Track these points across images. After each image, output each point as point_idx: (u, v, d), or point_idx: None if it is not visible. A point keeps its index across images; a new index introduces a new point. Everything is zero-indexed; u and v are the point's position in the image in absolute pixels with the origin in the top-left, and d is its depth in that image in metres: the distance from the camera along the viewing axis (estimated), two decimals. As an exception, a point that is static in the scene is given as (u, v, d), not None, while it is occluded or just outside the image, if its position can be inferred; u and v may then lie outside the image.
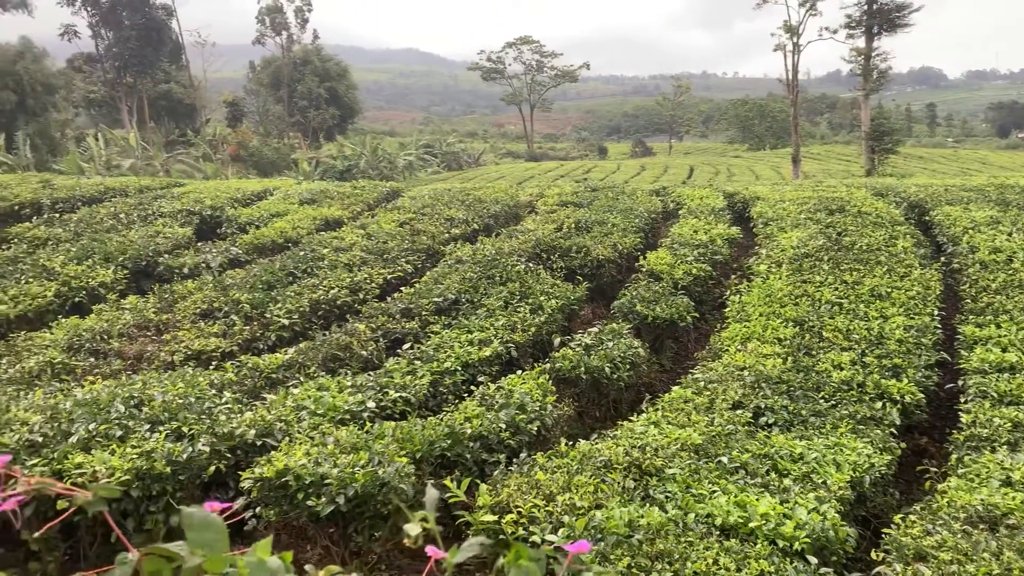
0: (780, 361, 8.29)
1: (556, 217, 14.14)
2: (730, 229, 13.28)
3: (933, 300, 9.74)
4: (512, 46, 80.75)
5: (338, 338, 8.80)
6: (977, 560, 4.57)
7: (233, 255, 12.49)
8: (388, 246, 12.37)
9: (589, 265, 11.78)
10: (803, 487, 5.70)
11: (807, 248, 11.44)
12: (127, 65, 53.86)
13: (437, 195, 16.41)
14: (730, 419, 6.95)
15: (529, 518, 4.95)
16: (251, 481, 5.54)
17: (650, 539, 4.63)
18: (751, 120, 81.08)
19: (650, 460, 5.90)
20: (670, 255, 11.66)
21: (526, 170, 56.98)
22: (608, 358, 8.41)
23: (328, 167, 44.91)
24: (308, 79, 62.26)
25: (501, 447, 6.49)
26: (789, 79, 44.23)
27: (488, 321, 9.44)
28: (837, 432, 6.83)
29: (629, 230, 13.22)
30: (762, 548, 4.68)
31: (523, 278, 10.77)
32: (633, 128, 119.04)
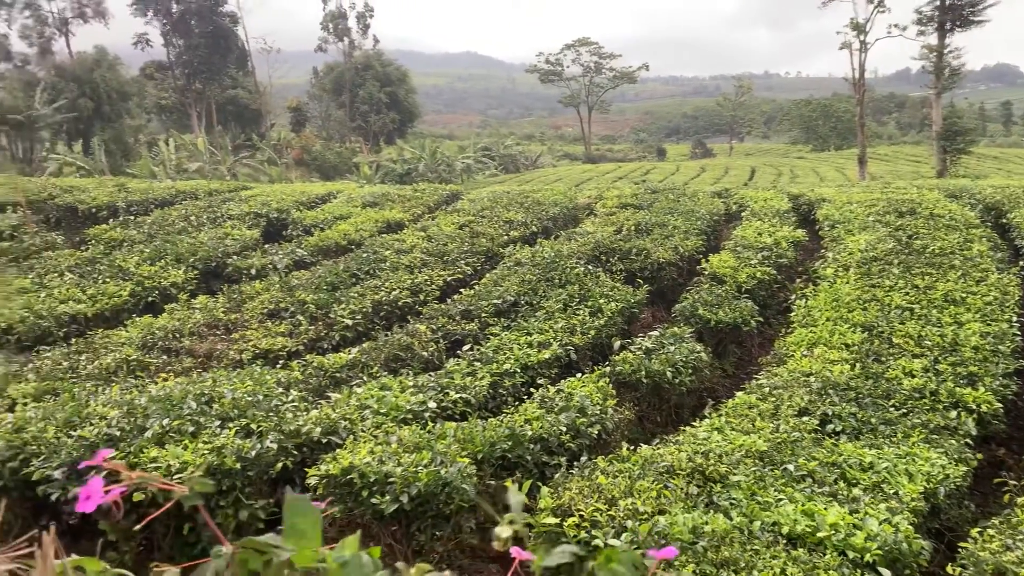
0: (848, 367, 8.07)
1: (615, 219, 14.05)
2: (795, 232, 12.98)
3: (1012, 306, 9.35)
4: (570, 48, 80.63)
5: (400, 339, 8.91)
6: (1062, 578, 4.37)
7: (298, 257, 12.77)
8: (448, 248, 12.48)
9: (649, 268, 11.67)
10: (873, 497, 5.54)
11: (876, 251, 11.11)
12: (196, 72, 55.66)
13: (496, 197, 16.49)
14: (796, 426, 6.80)
15: (591, 522, 4.92)
16: (317, 478, 5.65)
17: (715, 546, 4.56)
18: (815, 120, 79.17)
19: (714, 466, 5.81)
20: (733, 258, 11.47)
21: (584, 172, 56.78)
22: (669, 362, 8.31)
23: (388, 170, 45.56)
24: (369, 84, 63.29)
25: (561, 450, 6.48)
26: (855, 78, 43.04)
27: (547, 324, 9.43)
28: (909, 441, 6.62)
29: (691, 232, 13.04)
30: (831, 559, 4.56)
31: (582, 281, 10.73)
32: (692, 129, 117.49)
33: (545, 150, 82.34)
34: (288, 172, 44.43)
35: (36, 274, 11.83)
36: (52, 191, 17.44)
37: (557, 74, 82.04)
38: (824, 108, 79.11)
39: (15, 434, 6.21)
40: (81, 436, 6.10)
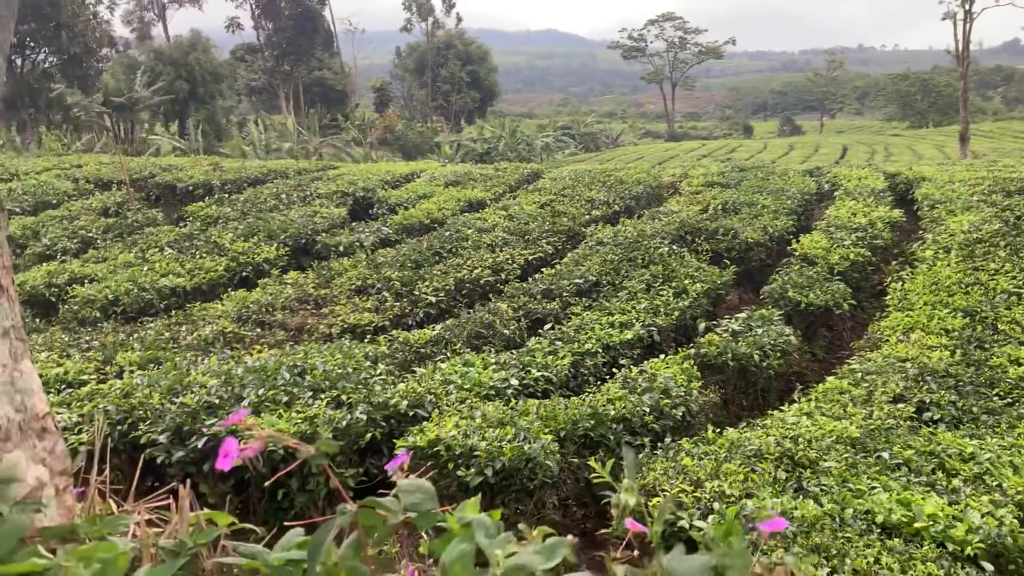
0: (947, 354, 7.72)
1: (701, 198, 13.77)
2: (892, 212, 12.44)
3: None
4: (654, 23, 79.05)
5: (481, 316, 9.01)
6: None
7: (384, 235, 13.03)
8: (529, 227, 12.50)
9: (737, 248, 11.41)
10: (975, 489, 5.30)
11: (980, 233, 10.55)
12: (284, 54, 57.20)
13: (577, 176, 16.39)
14: (890, 413, 6.56)
15: (677, 503, 4.88)
16: (404, 449, 5.79)
17: (805, 532, 4.46)
18: (913, 96, 75.35)
19: (803, 452, 5.67)
20: (825, 239, 11.09)
21: (666, 150, 55.82)
22: (757, 345, 8.12)
23: (468, 150, 45.85)
24: (451, 63, 63.69)
25: (644, 430, 6.44)
26: (959, 50, 40.71)
27: (629, 304, 9.36)
28: (1014, 432, 6.29)
29: (780, 212, 12.67)
30: (929, 550, 4.39)
31: (666, 261, 10.58)
32: (781, 106, 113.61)
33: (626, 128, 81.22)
34: (372, 152, 45.28)
35: (139, 249, 12.46)
36: (152, 170, 18.30)
37: (640, 50, 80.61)
38: (923, 82, 75.17)
39: (123, 399, 6.58)
40: (183, 403, 6.42)
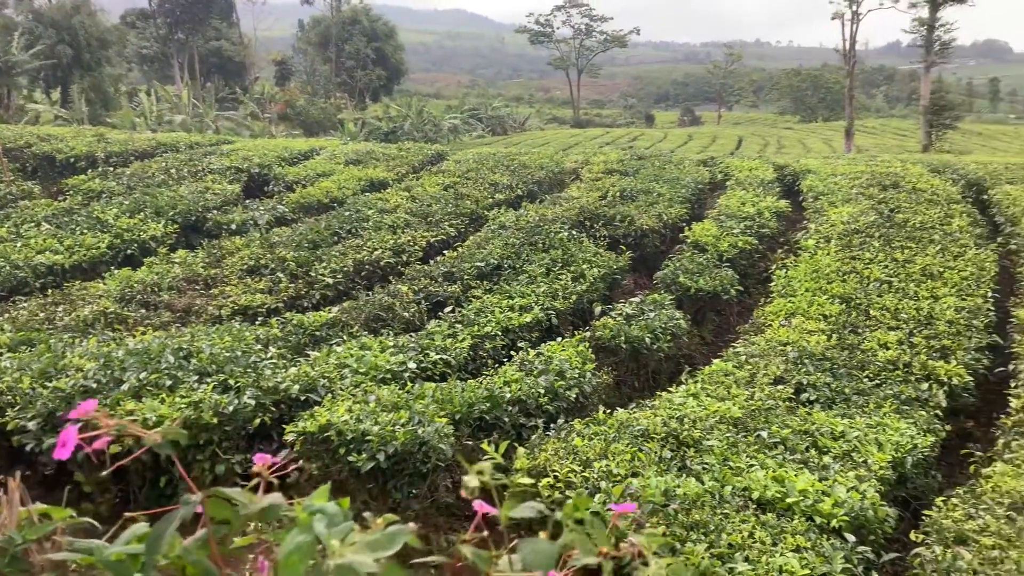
0: (825, 338, 8.17)
1: (601, 185, 14.01)
2: (779, 202, 13.02)
3: (987, 281, 9.47)
4: (561, 9, 79.50)
5: (381, 299, 8.91)
6: (1021, 546, 4.50)
7: (280, 213, 12.66)
8: (432, 209, 12.41)
9: (633, 235, 11.68)
10: (843, 465, 5.65)
11: (858, 224, 11.19)
12: (179, 21, 54.43)
13: (481, 159, 16.38)
14: (771, 394, 6.90)
15: (566, 483, 5.00)
16: (295, 435, 5.68)
17: (686, 509, 4.65)
18: (804, 91, 78.84)
19: (688, 431, 5.90)
20: (716, 227, 11.50)
21: (572, 136, 56.43)
22: (649, 328, 8.37)
23: (373, 128, 45.04)
24: (356, 39, 62.20)
25: (539, 412, 6.54)
26: (846, 49, 42.92)
27: (529, 287, 9.46)
28: (880, 412, 6.73)
29: (675, 200, 13.05)
30: (799, 523, 4.66)
31: (566, 246, 10.74)
32: (682, 96, 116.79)
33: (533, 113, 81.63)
34: (271, 127, 43.81)
35: (12, 223, 11.64)
36: (29, 139, 17.08)
37: (547, 35, 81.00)
38: (813, 79, 78.75)
39: (-10, 384, 6.17)
40: (57, 387, 6.08)
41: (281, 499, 1.12)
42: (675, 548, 4.21)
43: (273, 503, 1.10)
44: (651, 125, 79.11)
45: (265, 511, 1.12)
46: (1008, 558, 4.36)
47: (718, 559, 4.18)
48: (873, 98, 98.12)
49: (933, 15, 39.93)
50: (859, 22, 41.87)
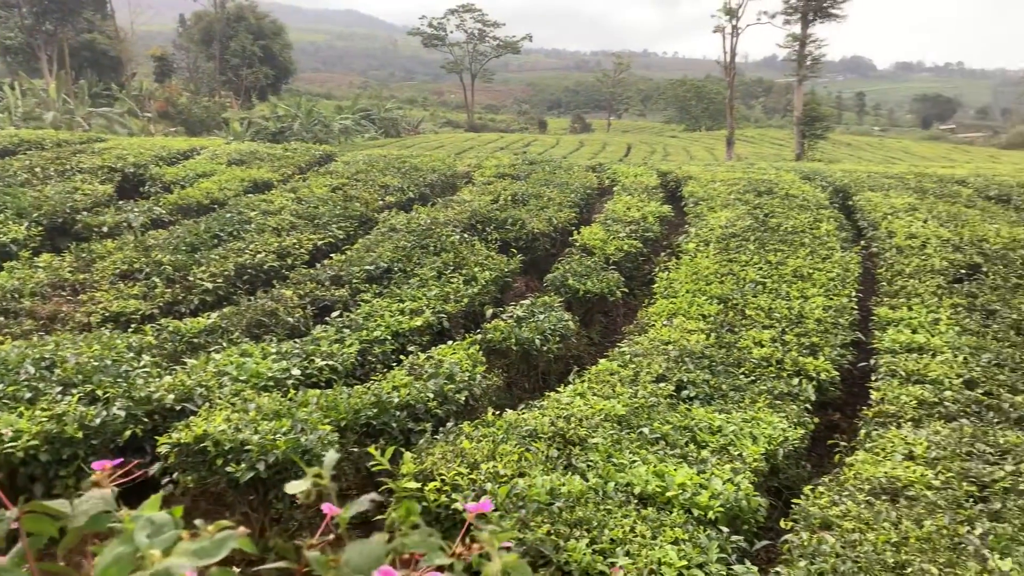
0: (704, 337, 8.50)
1: (493, 189, 14.09)
2: (662, 207, 13.47)
3: (852, 282, 10.11)
4: (454, 13, 79.53)
5: (264, 304, 8.62)
6: (877, 529, 4.81)
7: (156, 215, 12.06)
8: (319, 211, 12.13)
9: (524, 238, 11.81)
10: (720, 458, 5.89)
11: (735, 228, 11.71)
12: (46, 11, 50.96)
13: (372, 161, 16.15)
14: (653, 391, 7.11)
15: (452, 486, 4.97)
16: (168, 446, 5.40)
17: (570, 507, 4.72)
18: (688, 101, 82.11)
19: (574, 430, 5.99)
20: (603, 231, 11.78)
21: (466, 140, 56.53)
22: (539, 330, 8.47)
23: (260, 128, 43.63)
24: (242, 36, 60.08)
25: (428, 416, 6.49)
26: (727, 61, 44.88)
27: (420, 291, 9.39)
28: (755, 406, 7.06)
29: (565, 204, 13.28)
30: (677, 516, 4.82)
31: (457, 249, 10.73)
32: (573, 103, 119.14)
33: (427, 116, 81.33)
34: (150, 125, 41.71)
35: None
36: None
37: (440, 39, 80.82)
38: (697, 89, 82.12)
39: None
40: None
41: (108, 506, 1.05)
42: (558, 546, 4.27)
43: (98, 513, 1.03)
44: (544, 131, 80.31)
45: (92, 521, 1.04)
46: (866, 540, 4.65)
47: (600, 554, 4.26)
48: (752, 109, 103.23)
49: (805, 31, 42.38)
50: (739, 36, 43.93)
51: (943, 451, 6.15)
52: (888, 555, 4.46)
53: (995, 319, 8.98)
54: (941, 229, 11.44)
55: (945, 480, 5.70)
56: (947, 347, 8.21)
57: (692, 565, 4.27)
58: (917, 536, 4.70)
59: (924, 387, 7.44)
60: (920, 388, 7.41)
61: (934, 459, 6.05)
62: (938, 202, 13.01)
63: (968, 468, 5.94)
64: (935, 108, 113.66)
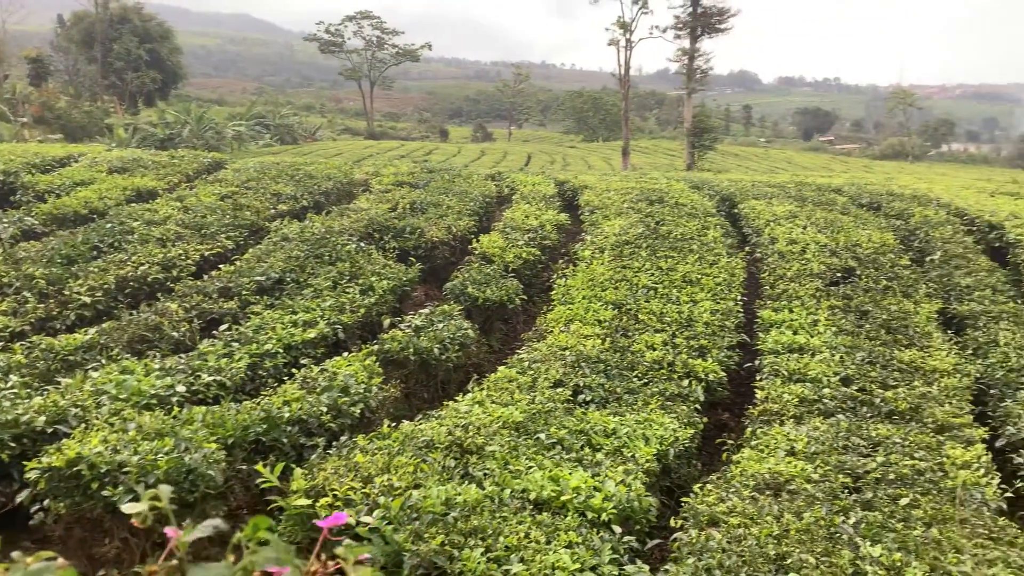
0: (599, 342, 8.66)
1: (391, 197, 13.95)
2: (559, 215, 13.69)
3: (737, 286, 10.55)
4: (352, 19, 78.43)
5: (147, 318, 8.22)
6: (761, 523, 5.01)
7: (28, 226, 11.31)
8: (207, 221, 11.68)
9: (423, 247, 11.74)
10: (614, 461, 6.00)
11: (628, 236, 12.02)
12: (-97, 6, 47.11)
13: (264, 168, 15.70)
14: (551, 397, 7.19)
15: (345, 501, 4.87)
16: (38, 471, 5.06)
17: (465, 516, 4.70)
18: (586, 112, 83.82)
19: (472, 439, 5.98)
20: (502, 239, 11.85)
21: (365, 148, 55.78)
22: (438, 339, 8.43)
23: (147, 134, 41.66)
24: (126, 38, 57.32)
25: (322, 431, 6.34)
26: (621, 74, 46.15)
27: (315, 302, 9.18)
28: (648, 408, 7.24)
29: (464, 213, 13.28)
30: (572, 520, 4.87)
31: (354, 258, 10.55)
32: (475, 112, 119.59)
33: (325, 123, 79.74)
34: (24, 131, 39.17)
35: None
36: None
37: (338, 45, 79.48)
38: (594, 101, 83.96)
39: None
40: None
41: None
42: (453, 556, 4.24)
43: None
44: (446, 139, 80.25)
45: None
46: (750, 534, 4.84)
47: (495, 562, 4.26)
48: (647, 120, 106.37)
49: (693, 46, 44.12)
50: (632, 49, 45.26)
51: (822, 446, 6.48)
52: (770, 548, 4.66)
53: (867, 319, 9.55)
54: (819, 235, 12.10)
55: (823, 473, 6.00)
56: (825, 347, 8.67)
57: (585, 568, 4.32)
58: (797, 528, 4.93)
59: (805, 385, 7.83)
60: (801, 386, 7.79)
61: (813, 454, 6.37)
62: (816, 209, 13.76)
63: (844, 461, 6.28)
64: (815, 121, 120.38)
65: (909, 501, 5.55)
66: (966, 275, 11.19)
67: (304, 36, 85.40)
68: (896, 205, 14.64)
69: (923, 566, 4.55)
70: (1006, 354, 8.89)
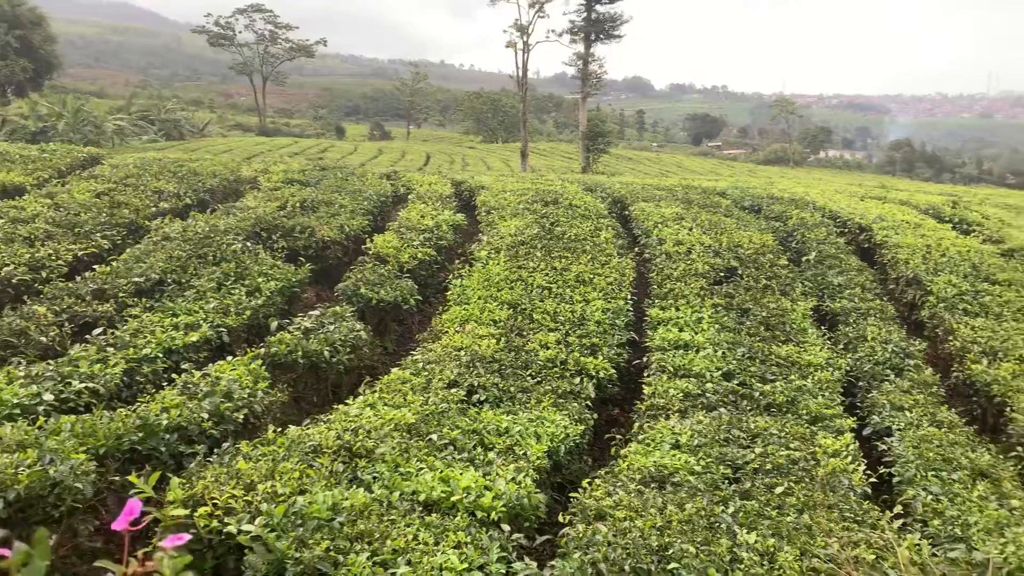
0: (495, 341, 8.70)
1: (280, 195, 13.55)
2: (456, 216, 13.66)
3: (627, 285, 10.83)
4: (243, 12, 75.87)
5: (11, 322, 7.67)
6: (645, 515, 5.15)
7: None
8: (81, 219, 11.01)
9: (314, 246, 11.46)
10: (506, 459, 6.03)
11: (523, 236, 12.13)
12: None
13: (144, 164, 14.94)
14: (445, 398, 7.16)
15: (226, 509, 4.68)
16: None
17: (352, 520, 4.61)
18: (485, 113, 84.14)
19: (362, 442, 5.88)
20: (397, 239, 11.72)
21: (257, 144, 54.02)
22: (328, 341, 8.25)
23: (17, 127, 38.95)
24: (-8, 23, 53.36)
25: (203, 438, 6.09)
26: (519, 76, 46.54)
27: (197, 304, 8.80)
28: (540, 406, 7.32)
29: (357, 212, 13.06)
30: (461, 520, 4.86)
31: (240, 258, 10.19)
32: (372, 111, 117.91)
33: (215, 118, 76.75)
34: None
35: None
36: None
37: (228, 39, 76.70)
38: (493, 102, 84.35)
39: None
40: None
41: None
42: (337, 562, 4.15)
43: None
44: (342, 137, 78.78)
45: None
46: (635, 527, 4.97)
47: (381, 566, 4.20)
48: (545, 123, 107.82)
49: (587, 50, 45.03)
50: (529, 52, 45.71)
51: (704, 439, 6.73)
52: (653, 539, 4.79)
53: (748, 316, 10.00)
54: (704, 236, 12.57)
55: (705, 465, 6.24)
56: (709, 343, 9.02)
57: (473, 567, 4.32)
58: (679, 519, 5.09)
59: (689, 380, 8.12)
60: (686, 382, 8.08)
61: (697, 446, 6.61)
62: (702, 212, 14.29)
63: (725, 453, 6.55)
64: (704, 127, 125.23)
65: (784, 489, 5.84)
66: (838, 274, 11.89)
67: (192, 28, 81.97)
68: (775, 208, 15.39)
69: (794, 550, 4.80)
70: (873, 348, 9.50)
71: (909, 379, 8.80)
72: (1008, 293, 11.09)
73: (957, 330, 9.84)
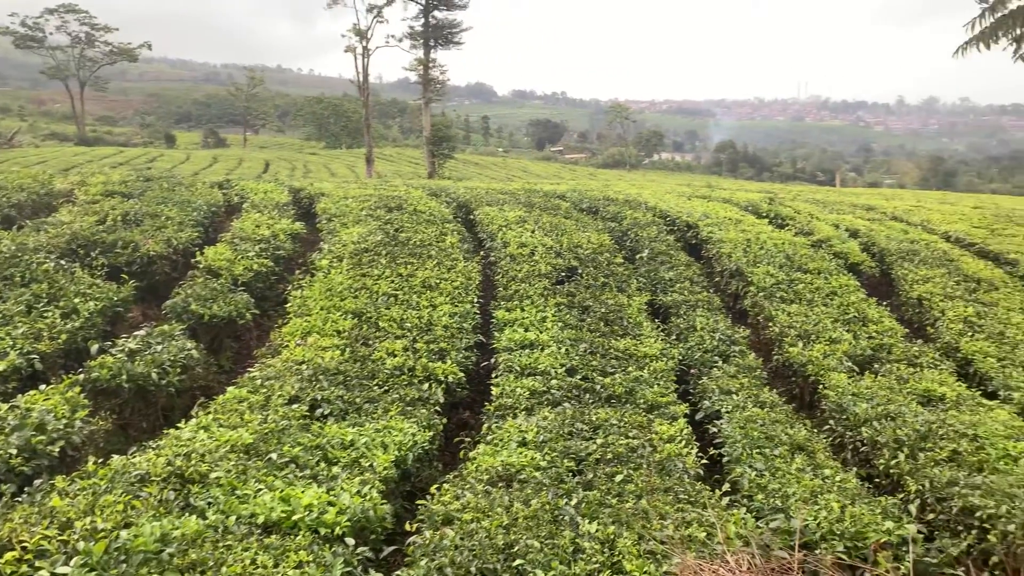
0: (339, 353, 8.49)
1: (99, 208, 12.56)
2: (294, 224, 13.23)
3: (473, 289, 10.91)
4: (54, 12, 69.99)
5: None
6: (492, 515, 5.20)
7: None
8: None
9: (138, 262, 10.71)
10: (351, 473, 5.90)
11: (367, 243, 11.93)
12: None
13: (-63, 179, 13.41)
14: (285, 414, 6.91)
15: (36, 552, 4.27)
16: None
17: (183, 550, 4.34)
18: (327, 118, 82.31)
19: (195, 467, 5.56)
20: (230, 250, 11.19)
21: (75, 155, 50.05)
22: (156, 363, 7.75)
23: None
24: None
25: (12, 476, 5.53)
26: (360, 81, 45.85)
27: (3, 330, 8.00)
28: (388, 416, 7.22)
29: (186, 224, 12.35)
30: (303, 539, 4.70)
31: (53, 278, 9.36)
32: (205, 117, 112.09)
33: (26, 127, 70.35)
34: None
35: None
36: None
37: (38, 40, 70.54)
38: (335, 107, 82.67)
39: None
40: None
41: None
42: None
43: None
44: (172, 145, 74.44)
45: None
46: (482, 528, 5.00)
47: (214, 596, 3.98)
48: (390, 128, 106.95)
49: (427, 56, 45.09)
50: (370, 57, 45.13)
51: (549, 434, 6.90)
52: (499, 538, 4.85)
53: (589, 313, 10.35)
54: (546, 238, 12.90)
55: (551, 460, 6.39)
56: (553, 341, 9.26)
57: (316, 586, 4.19)
58: (525, 515, 5.18)
59: (535, 378, 8.30)
60: (532, 380, 8.24)
61: (542, 442, 6.76)
62: (543, 214, 14.66)
63: (569, 446, 6.74)
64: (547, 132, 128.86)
65: (623, 477, 6.08)
66: (669, 269, 12.56)
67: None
68: (611, 209, 16.05)
69: (632, 535, 5.01)
70: (702, 337, 10.11)
71: (735, 364, 9.45)
72: (817, 281, 12.15)
73: (775, 316, 10.66)
